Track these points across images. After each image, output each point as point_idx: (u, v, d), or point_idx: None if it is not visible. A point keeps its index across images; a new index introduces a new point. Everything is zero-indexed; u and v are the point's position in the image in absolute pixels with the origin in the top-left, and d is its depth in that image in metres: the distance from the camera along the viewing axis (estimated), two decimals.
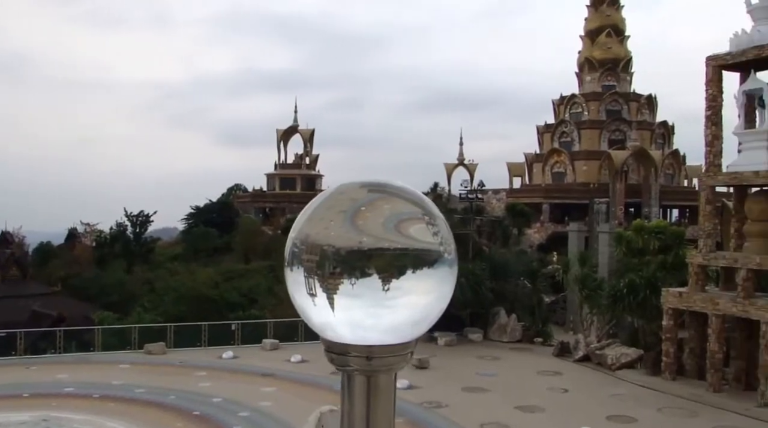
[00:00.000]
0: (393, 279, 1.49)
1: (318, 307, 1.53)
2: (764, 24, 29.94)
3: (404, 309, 1.54)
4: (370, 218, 1.53)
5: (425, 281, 1.54)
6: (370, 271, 1.48)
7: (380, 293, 1.49)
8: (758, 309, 28.52)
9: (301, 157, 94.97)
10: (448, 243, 1.60)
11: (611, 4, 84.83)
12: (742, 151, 31.00)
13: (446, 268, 1.57)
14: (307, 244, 1.53)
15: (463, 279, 40.06)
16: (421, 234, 1.55)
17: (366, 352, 1.54)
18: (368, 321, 1.52)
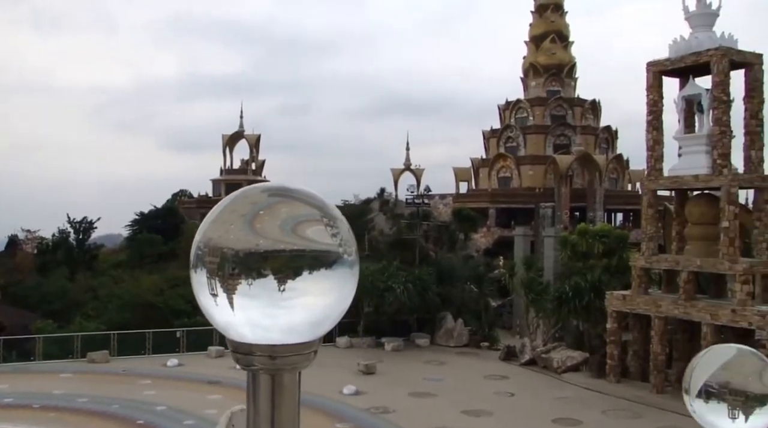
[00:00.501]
0: (289, 280, 1.53)
1: (219, 307, 1.57)
2: (701, 31, 30.51)
3: (302, 310, 1.58)
4: (268, 221, 1.57)
5: (323, 282, 1.59)
6: (266, 272, 1.52)
7: (276, 293, 1.53)
8: (699, 310, 29.00)
9: (247, 163, 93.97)
10: (348, 245, 1.64)
11: (555, 10, 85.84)
12: (683, 155, 31.53)
13: (346, 270, 1.62)
14: (209, 247, 1.56)
15: (410, 284, 40.09)
16: (319, 236, 1.59)
17: (269, 351, 1.58)
18: (266, 321, 1.55)
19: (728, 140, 29.56)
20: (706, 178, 29.69)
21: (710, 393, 2.66)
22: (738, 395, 2.63)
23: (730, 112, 29.65)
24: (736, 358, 2.75)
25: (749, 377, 2.69)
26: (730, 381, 2.65)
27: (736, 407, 2.61)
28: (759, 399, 2.64)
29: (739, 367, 2.72)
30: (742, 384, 2.65)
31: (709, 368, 2.71)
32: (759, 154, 30.05)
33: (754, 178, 29.64)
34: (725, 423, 2.64)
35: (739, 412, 2.61)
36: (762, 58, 30.23)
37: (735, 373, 2.69)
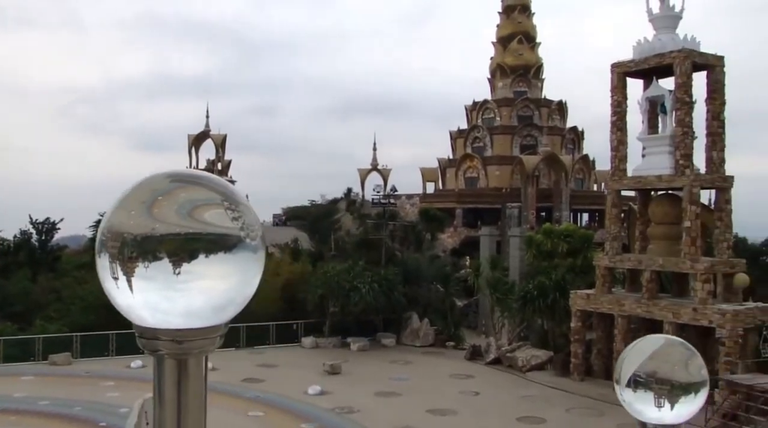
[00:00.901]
0: (184, 263, 1.55)
1: (120, 290, 1.60)
2: (665, 33, 30.83)
3: (200, 294, 1.59)
4: (166, 206, 1.58)
5: (222, 266, 1.60)
6: (162, 256, 1.54)
7: (172, 276, 1.55)
8: (661, 309, 29.29)
9: (213, 163, 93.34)
10: (251, 230, 1.65)
11: (522, 11, 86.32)
12: (646, 155, 31.83)
13: (248, 254, 1.63)
14: (111, 232, 1.59)
15: (376, 284, 40.03)
16: (218, 220, 1.60)
17: (173, 336, 1.59)
18: (165, 304, 1.57)
19: (691, 141, 29.90)
20: (668, 178, 30.00)
21: (638, 382, 2.71)
22: (664, 384, 2.67)
23: (692, 114, 30.00)
24: (664, 348, 2.82)
25: (675, 366, 2.73)
26: (656, 371, 2.69)
27: (662, 396, 2.66)
28: (684, 387, 2.69)
29: (666, 357, 2.76)
30: (669, 373, 2.70)
31: (637, 358, 2.78)
32: (720, 155, 30.42)
33: (715, 179, 30.01)
34: (652, 411, 2.70)
35: (665, 401, 2.66)
36: (723, 60, 30.62)
37: (662, 362, 2.73)
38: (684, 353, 2.78)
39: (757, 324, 27.77)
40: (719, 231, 29.66)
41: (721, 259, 29.23)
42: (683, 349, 2.80)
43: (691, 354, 2.79)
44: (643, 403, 2.71)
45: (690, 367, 2.75)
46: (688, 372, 2.73)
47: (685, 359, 2.77)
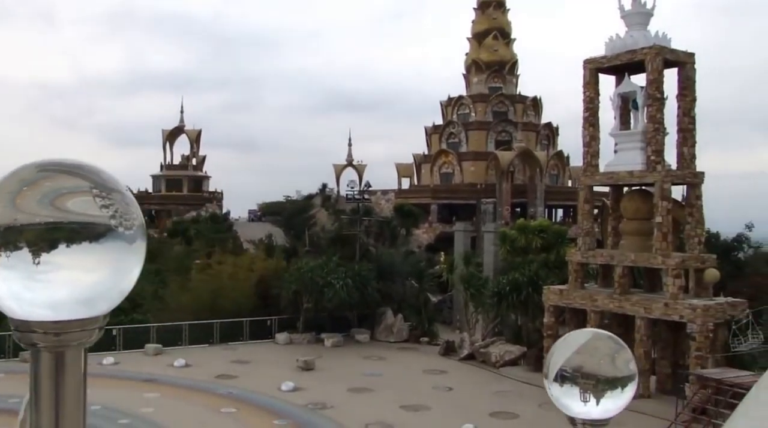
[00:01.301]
0: (43, 253, 1.51)
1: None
2: (636, 29, 30.97)
3: (64, 285, 1.54)
4: (29, 196, 1.56)
5: (88, 256, 1.54)
6: (21, 245, 1.51)
7: (32, 266, 1.51)
8: (633, 304, 29.47)
9: (188, 158, 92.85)
10: (126, 219, 1.58)
11: (497, 7, 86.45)
12: (618, 151, 31.99)
13: (122, 244, 1.56)
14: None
15: (350, 279, 39.93)
16: (82, 208, 1.55)
17: (47, 328, 1.55)
18: (28, 294, 1.54)
19: (662, 137, 30.07)
20: (640, 174, 30.17)
21: (565, 377, 2.65)
22: (589, 378, 2.61)
23: (663, 110, 30.17)
24: (591, 342, 2.75)
25: (601, 360, 2.66)
26: (582, 365, 2.64)
27: (587, 390, 2.60)
28: (611, 382, 2.62)
29: (593, 351, 2.69)
30: (594, 368, 2.63)
31: (565, 352, 2.71)
32: (691, 151, 30.63)
33: (686, 175, 30.22)
34: (578, 406, 2.65)
35: (590, 396, 2.60)
36: (694, 57, 30.81)
37: (588, 357, 2.67)
38: (612, 347, 2.71)
39: (726, 318, 28.02)
40: (690, 227, 29.88)
41: (692, 255, 29.45)
42: (611, 343, 2.74)
43: (619, 348, 2.73)
44: (569, 398, 2.66)
45: (617, 361, 2.68)
46: (615, 367, 2.66)
47: (612, 353, 2.69)
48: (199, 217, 76.57)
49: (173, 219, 78.19)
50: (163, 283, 51.84)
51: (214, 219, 75.84)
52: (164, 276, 53.53)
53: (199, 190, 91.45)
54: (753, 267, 40.02)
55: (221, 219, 78.43)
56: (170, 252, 58.20)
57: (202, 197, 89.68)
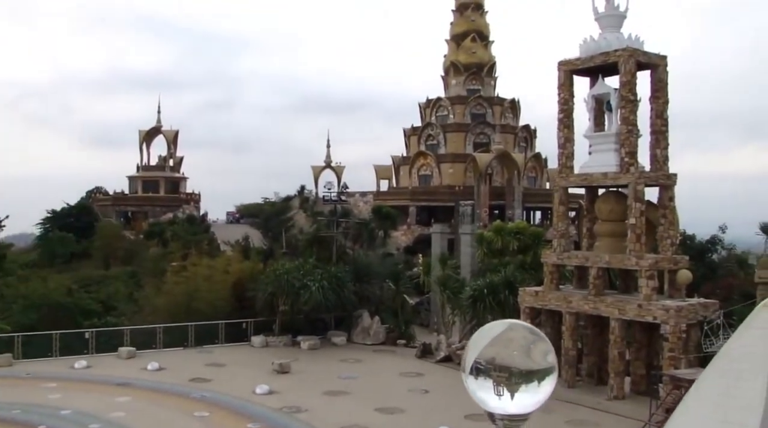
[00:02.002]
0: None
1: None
2: (610, 32, 31.06)
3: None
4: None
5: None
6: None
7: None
8: (608, 306, 29.53)
9: (165, 159, 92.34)
10: None
11: (476, 9, 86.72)
12: (593, 153, 32.04)
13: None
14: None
15: (326, 281, 39.78)
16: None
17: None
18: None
19: (635, 139, 30.15)
20: (614, 175, 30.24)
21: (479, 369, 2.54)
22: (502, 371, 2.48)
23: (637, 112, 30.25)
24: (505, 333, 2.58)
25: (515, 352, 2.53)
26: (495, 357, 2.51)
27: (501, 384, 2.48)
28: (525, 375, 2.46)
29: (506, 342, 2.56)
30: (508, 360, 2.50)
31: (479, 344, 2.55)
32: (664, 153, 30.75)
33: (659, 176, 30.32)
34: (493, 400, 2.51)
35: (504, 389, 2.47)
36: (666, 59, 30.94)
37: (501, 348, 2.54)
38: (527, 338, 2.55)
39: (699, 319, 28.14)
40: (663, 228, 29.97)
41: (666, 256, 29.54)
42: (527, 333, 2.58)
43: (535, 339, 2.56)
44: (484, 392, 2.51)
45: (533, 353, 2.54)
46: (530, 359, 2.52)
47: (527, 344, 2.55)
48: (176, 219, 76.18)
49: (150, 221, 77.70)
50: (138, 286, 51.49)
51: (191, 220, 75.50)
52: (139, 278, 53.17)
53: (177, 191, 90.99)
54: (725, 269, 40.32)
55: (198, 221, 78.05)
56: (146, 255, 57.84)
57: (179, 198, 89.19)
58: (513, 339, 2.57)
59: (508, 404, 2.53)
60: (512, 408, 2.53)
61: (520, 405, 2.52)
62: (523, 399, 2.52)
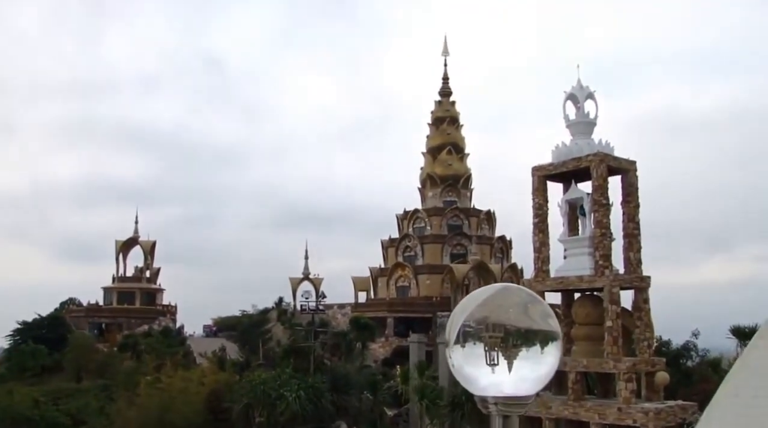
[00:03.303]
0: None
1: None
2: (581, 138, 31.89)
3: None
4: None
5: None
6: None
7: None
8: (587, 410, 29.10)
9: (141, 271, 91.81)
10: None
11: (451, 123, 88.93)
12: (568, 257, 32.28)
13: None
14: None
15: (302, 392, 39.13)
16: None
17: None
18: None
19: (609, 242, 30.48)
20: (589, 278, 30.40)
21: (467, 333, 2.05)
22: (497, 331, 2.04)
23: (609, 215, 30.71)
24: (499, 292, 2.19)
25: (510, 309, 2.11)
26: (488, 316, 2.07)
27: (495, 348, 2.02)
28: (524, 337, 2.05)
29: (501, 301, 2.14)
30: (503, 318, 2.07)
31: (468, 308, 2.12)
32: (637, 256, 31.05)
33: (633, 279, 30.52)
34: (485, 375, 2.00)
35: (499, 355, 2.00)
36: (636, 164, 31.70)
37: (495, 307, 2.11)
38: (524, 297, 2.18)
39: (678, 421, 27.77)
40: (639, 331, 29.93)
41: (643, 358, 29.40)
42: (523, 294, 2.20)
43: (532, 299, 2.19)
44: (474, 364, 2.02)
45: (530, 311, 2.12)
46: (529, 317, 2.11)
47: (524, 302, 2.15)
48: (152, 331, 75.13)
49: (124, 333, 76.56)
50: (110, 399, 50.28)
51: (166, 333, 74.47)
52: (112, 391, 51.96)
53: (153, 303, 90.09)
54: (700, 374, 40.14)
55: (174, 334, 77.01)
56: (119, 367, 56.73)
57: (155, 310, 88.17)
58: (507, 298, 2.18)
59: (505, 379, 2.11)
60: (509, 383, 2.12)
61: (519, 380, 2.12)
62: (523, 372, 2.11)
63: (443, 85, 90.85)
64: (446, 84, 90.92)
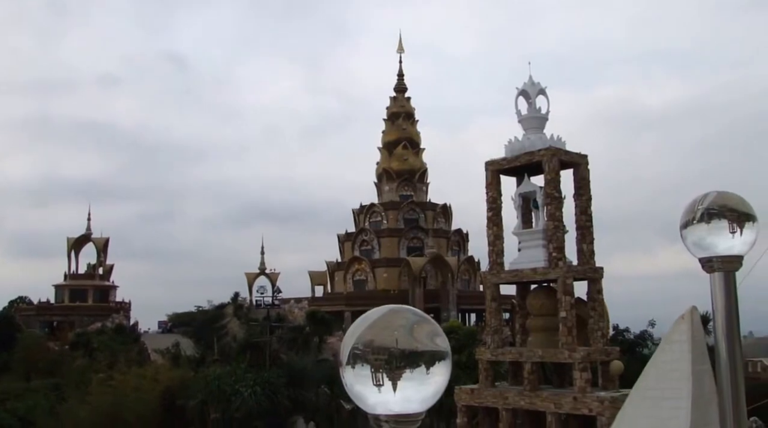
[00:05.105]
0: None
1: None
2: (533, 133, 32.17)
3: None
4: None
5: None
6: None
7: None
8: (543, 400, 29.40)
9: (94, 268, 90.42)
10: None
11: (407, 118, 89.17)
12: (522, 249, 32.57)
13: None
14: None
15: (258, 387, 38.92)
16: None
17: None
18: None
19: (562, 234, 30.81)
20: (543, 270, 30.70)
21: (356, 355, 2.26)
22: (381, 354, 2.23)
23: (562, 208, 31.05)
24: (386, 315, 2.34)
25: (395, 331, 2.27)
26: (374, 339, 2.25)
27: (380, 370, 2.20)
28: (407, 358, 2.22)
29: (387, 323, 2.31)
30: (388, 341, 2.24)
31: (358, 329, 2.32)
32: (590, 247, 31.45)
33: (586, 270, 30.91)
34: (373, 394, 2.22)
35: (383, 377, 2.20)
36: (587, 158, 32.07)
37: (381, 329, 2.29)
38: (410, 318, 2.31)
39: None
40: (593, 321, 30.31)
41: (597, 347, 29.79)
42: (410, 315, 2.33)
43: (420, 320, 2.31)
44: (363, 384, 2.23)
45: (416, 333, 2.26)
46: (414, 339, 2.25)
47: (410, 323, 2.29)
48: (105, 329, 74.07)
49: (76, 331, 75.36)
50: (61, 399, 49.43)
51: (119, 330, 73.46)
52: (63, 390, 51.09)
53: (106, 300, 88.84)
54: None
55: (128, 331, 76.01)
56: (71, 366, 55.77)
57: (108, 307, 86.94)
58: (394, 320, 2.32)
59: (391, 398, 2.21)
60: (396, 403, 2.21)
61: (404, 400, 2.21)
62: (409, 392, 2.21)
63: (398, 82, 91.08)
64: (401, 80, 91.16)
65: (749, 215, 2.94)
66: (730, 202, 2.97)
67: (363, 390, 2.26)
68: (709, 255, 2.90)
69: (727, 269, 2.88)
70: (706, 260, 2.91)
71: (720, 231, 2.91)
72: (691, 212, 2.99)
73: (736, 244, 2.91)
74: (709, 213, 2.93)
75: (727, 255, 2.89)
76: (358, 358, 2.27)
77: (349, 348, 2.31)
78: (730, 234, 2.89)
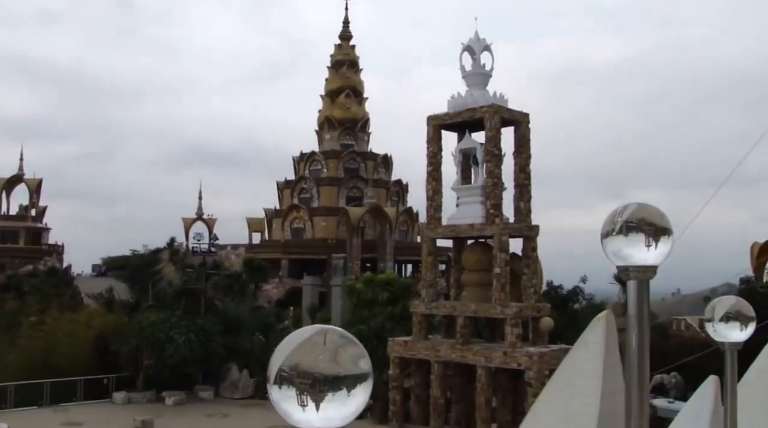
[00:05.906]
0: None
1: None
2: (476, 89, 32.34)
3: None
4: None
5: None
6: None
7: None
8: (474, 354, 30.11)
9: (26, 209, 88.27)
10: None
11: (351, 66, 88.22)
12: (460, 205, 32.97)
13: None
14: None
15: (192, 334, 38.80)
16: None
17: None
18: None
19: (500, 192, 31.25)
20: (480, 226, 31.15)
21: (282, 377, 2.35)
22: (305, 378, 2.33)
23: (501, 166, 31.42)
24: (313, 337, 2.41)
25: (320, 356, 2.37)
26: (299, 363, 2.34)
27: (304, 391, 2.32)
28: (331, 382, 2.35)
29: (312, 346, 2.39)
30: (312, 365, 2.34)
31: (285, 351, 2.39)
32: (527, 205, 32.00)
33: (522, 228, 31.47)
34: (297, 412, 2.32)
35: (307, 398, 2.32)
36: (528, 117, 32.43)
37: (306, 353, 2.37)
38: (337, 341, 2.40)
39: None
40: (527, 278, 31.00)
41: (529, 304, 30.52)
42: (336, 337, 2.41)
43: (346, 343, 2.42)
44: (288, 402, 2.34)
45: (340, 357, 2.38)
46: (337, 364, 2.36)
47: (335, 347, 2.39)
48: (36, 271, 72.59)
49: (7, 274, 73.73)
50: None
51: (52, 273, 72.07)
52: None
53: (38, 242, 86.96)
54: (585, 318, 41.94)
55: (60, 274, 74.63)
56: (1, 309, 54.63)
57: (40, 250, 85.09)
58: (319, 343, 2.41)
59: (314, 417, 2.36)
60: (318, 422, 2.38)
61: (325, 418, 2.37)
62: (330, 412, 2.36)
63: (344, 29, 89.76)
64: (347, 28, 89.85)
65: (665, 229, 3.16)
66: (649, 215, 3.16)
67: (288, 408, 2.39)
68: (625, 264, 3.16)
69: (641, 278, 3.12)
70: (623, 268, 3.17)
71: (636, 244, 3.13)
72: (611, 223, 3.19)
73: (651, 256, 3.15)
74: (627, 226, 3.14)
75: (642, 265, 3.14)
76: (284, 380, 2.38)
77: (276, 369, 2.40)
78: (645, 247, 3.13)
